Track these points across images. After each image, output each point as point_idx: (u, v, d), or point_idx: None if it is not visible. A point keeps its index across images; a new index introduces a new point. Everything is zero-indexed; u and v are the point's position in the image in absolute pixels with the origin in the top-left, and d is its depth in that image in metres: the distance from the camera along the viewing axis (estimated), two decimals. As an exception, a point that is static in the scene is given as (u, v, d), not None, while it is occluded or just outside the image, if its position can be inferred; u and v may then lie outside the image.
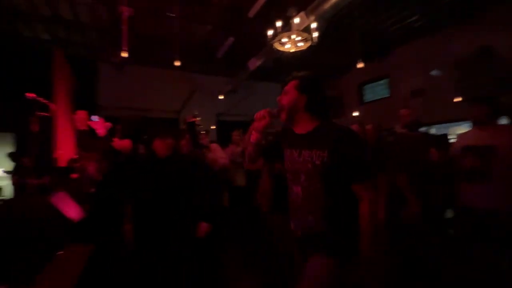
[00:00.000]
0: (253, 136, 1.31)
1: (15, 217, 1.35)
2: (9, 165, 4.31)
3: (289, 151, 1.26)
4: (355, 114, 7.64)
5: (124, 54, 3.74)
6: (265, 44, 3.85)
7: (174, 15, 4.69)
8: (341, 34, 5.59)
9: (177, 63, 4.71)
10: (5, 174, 4.42)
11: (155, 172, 1.74)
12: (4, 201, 3.31)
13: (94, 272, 1.18)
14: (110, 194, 1.76)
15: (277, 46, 3.64)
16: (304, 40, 3.51)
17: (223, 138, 5.10)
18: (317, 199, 1.13)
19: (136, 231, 1.63)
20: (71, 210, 1.80)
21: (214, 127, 7.56)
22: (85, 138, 2.83)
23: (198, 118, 3.52)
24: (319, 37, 3.55)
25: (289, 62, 4.19)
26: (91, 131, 3.06)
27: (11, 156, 4.44)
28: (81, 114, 3.14)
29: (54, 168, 3.81)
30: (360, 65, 5.19)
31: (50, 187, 3.07)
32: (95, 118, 3.27)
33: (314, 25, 3.52)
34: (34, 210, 1.53)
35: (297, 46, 3.64)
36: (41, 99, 2.31)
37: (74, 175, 3.02)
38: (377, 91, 7.69)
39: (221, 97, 7.64)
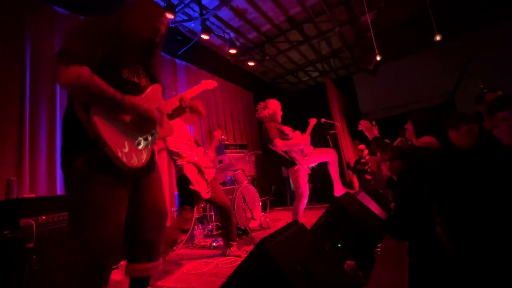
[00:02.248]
0: None
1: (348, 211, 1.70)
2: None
3: None
4: None
5: (378, 57, 3.82)
6: None
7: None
8: None
9: (438, 37, 3.91)
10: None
11: (462, 167, 1.47)
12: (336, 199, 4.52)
13: (419, 269, 1.18)
14: (410, 192, 1.74)
15: None
16: None
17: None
18: None
19: (451, 232, 1.43)
20: (373, 207, 2.02)
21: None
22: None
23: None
24: None
25: None
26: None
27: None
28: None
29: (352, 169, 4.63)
30: None
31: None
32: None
33: None
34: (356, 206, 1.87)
35: None
36: (330, 121, 2.95)
37: (368, 176, 3.47)
38: None
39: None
